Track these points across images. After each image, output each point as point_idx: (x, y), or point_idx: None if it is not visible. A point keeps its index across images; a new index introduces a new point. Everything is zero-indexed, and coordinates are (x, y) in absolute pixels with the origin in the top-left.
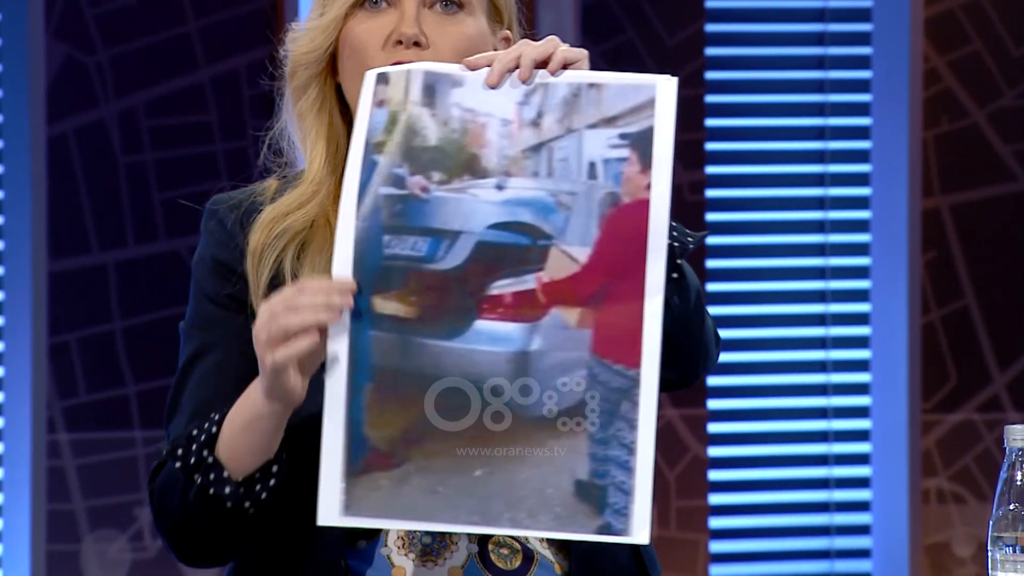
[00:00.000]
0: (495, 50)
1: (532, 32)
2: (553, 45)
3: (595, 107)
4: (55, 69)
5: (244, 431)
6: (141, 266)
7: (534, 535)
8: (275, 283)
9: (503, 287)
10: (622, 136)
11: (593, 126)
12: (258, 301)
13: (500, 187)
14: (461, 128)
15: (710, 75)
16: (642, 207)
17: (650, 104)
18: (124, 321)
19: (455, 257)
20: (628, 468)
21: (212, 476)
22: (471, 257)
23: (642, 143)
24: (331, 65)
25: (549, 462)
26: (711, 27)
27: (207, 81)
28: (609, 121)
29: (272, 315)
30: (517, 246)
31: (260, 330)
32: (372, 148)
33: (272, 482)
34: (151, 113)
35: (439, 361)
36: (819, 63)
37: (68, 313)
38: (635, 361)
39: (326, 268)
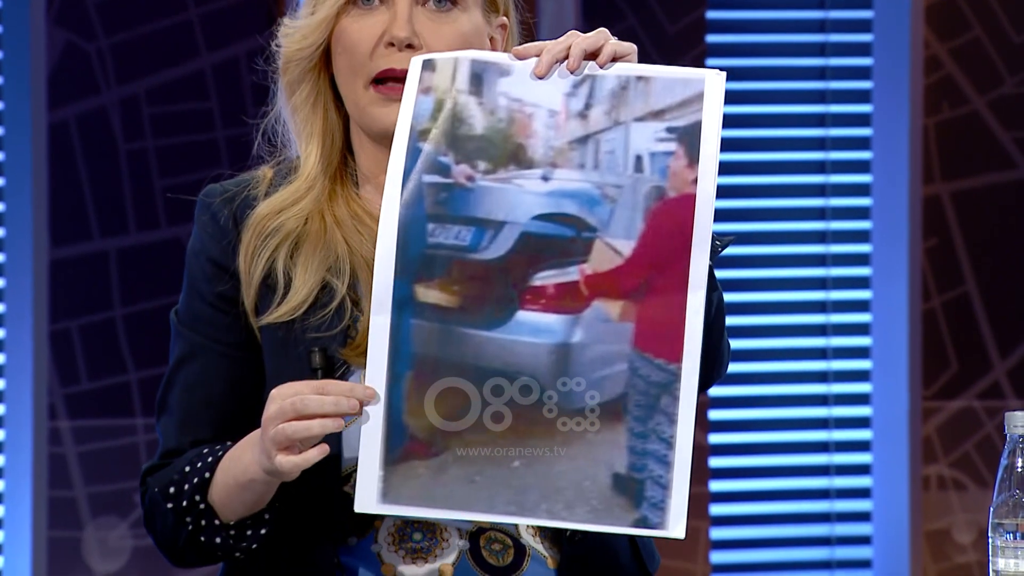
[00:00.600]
0: (491, 41)
1: (531, 17)
2: (603, 37)
3: (643, 100)
4: (56, 56)
5: (238, 488)
6: (142, 253)
7: (569, 527)
8: (268, 282)
9: (546, 278)
10: (669, 130)
11: (640, 119)
12: (249, 299)
13: (545, 178)
14: (508, 118)
15: (711, 62)
16: (688, 201)
17: (698, 98)
18: (125, 308)
19: (499, 247)
20: (666, 462)
21: (203, 523)
22: (514, 248)
23: (689, 137)
24: (324, 59)
25: (586, 455)
26: (712, 14)
27: (208, 68)
28: (656, 114)
29: (281, 413)
30: (561, 238)
31: (267, 423)
32: (417, 135)
33: (263, 531)
34: (152, 100)
35: (480, 351)
36: (820, 50)
37: (69, 300)
38: (676, 355)
39: (320, 268)
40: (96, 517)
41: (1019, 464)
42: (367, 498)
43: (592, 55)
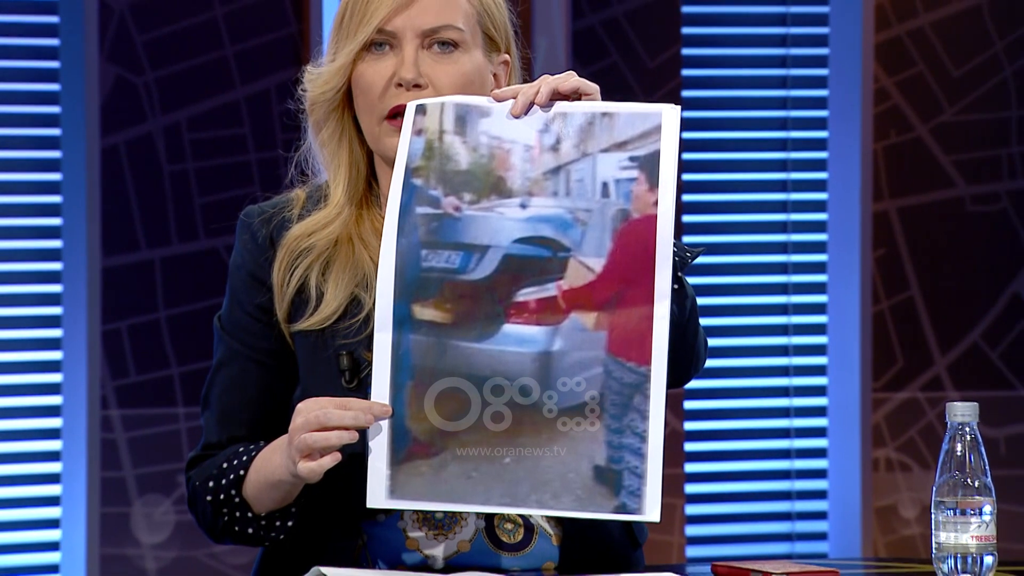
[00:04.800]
0: (493, 76)
1: (529, 53)
2: (570, 75)
3: (607, 133)
4: (108, 88)
5: (268, 486)
6: (183, 262)
7: (558, 515)
8: (301, 294)
9: (527, 294)
10: (632, 159)
11: (606, 150)
12: (282, 309)
13: (523, 206)
14: (489, 154)
15: (686, 93)
16: (650, 222)
17: (657, 130)
18: (168, 311)
19: (484, 268)
20: (641, 454)
21: (238, 514)
22: (499, 268)
23: (650, 165)
24: (347, 98)
25: (570, 450)
26: (687, 51)
27: (242, 99)
28: (620, 145)
29: (306, 424)
30: (539, 258)
31: (293, 433)
32: (411, 173)
33: (290, 523)
34: (192, 127)
35: (472, 361)
36: (782, 83)
37: (119, 303)
38: (646, 359)
39: (349, 284)
40: (143, 495)
41: (958, 449)
42: (377, 495)
43: (560, 94)
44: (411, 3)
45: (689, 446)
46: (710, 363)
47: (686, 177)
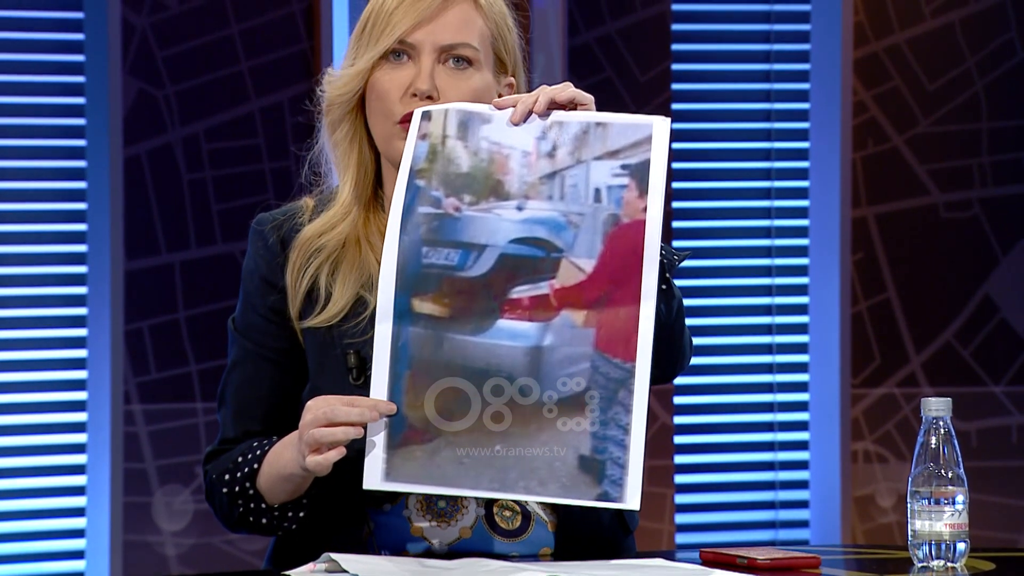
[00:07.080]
0: (500, 95)
1: (528, 72)
2: (567, 86)
3: (601, 142)
4: (130, 102)
5: (280, 479)
6: (201, 265)
7: (543, 500)
8: (312, 293)
9: (521, 292)
10: (623, 167)
11: (599, 158)
12: (295, 308)
13: (520, 208)
14: (488, 158)
15: (676, 106)
16: (639, 226)
17: (647, 140)
18: (187, 311)
19: (481, 266)
20: (623, 446)
21: (252, 505)
22: (495, 266)
23: (640, 173)
24: (360, 103)
25: (557, 440)
26: (677, 66)
27: (256, 111)
28: (612, 154)
29: (315, 420)
30: (533, 258)
31: (302, 429)
32: (415, 174)
33: (301, 514)
34: (210, 138)
35: (467, 353)
36: (766, 96)
37: (141, 304)
38: (631, 355)
39: (355, 284)
40: (163, 485)
41: (932, 441)
42: (373, 477)
43: (557, 103)
44: (433, 19)
45: (679, 439)
46: (699, 360)
47: (675, 185)
